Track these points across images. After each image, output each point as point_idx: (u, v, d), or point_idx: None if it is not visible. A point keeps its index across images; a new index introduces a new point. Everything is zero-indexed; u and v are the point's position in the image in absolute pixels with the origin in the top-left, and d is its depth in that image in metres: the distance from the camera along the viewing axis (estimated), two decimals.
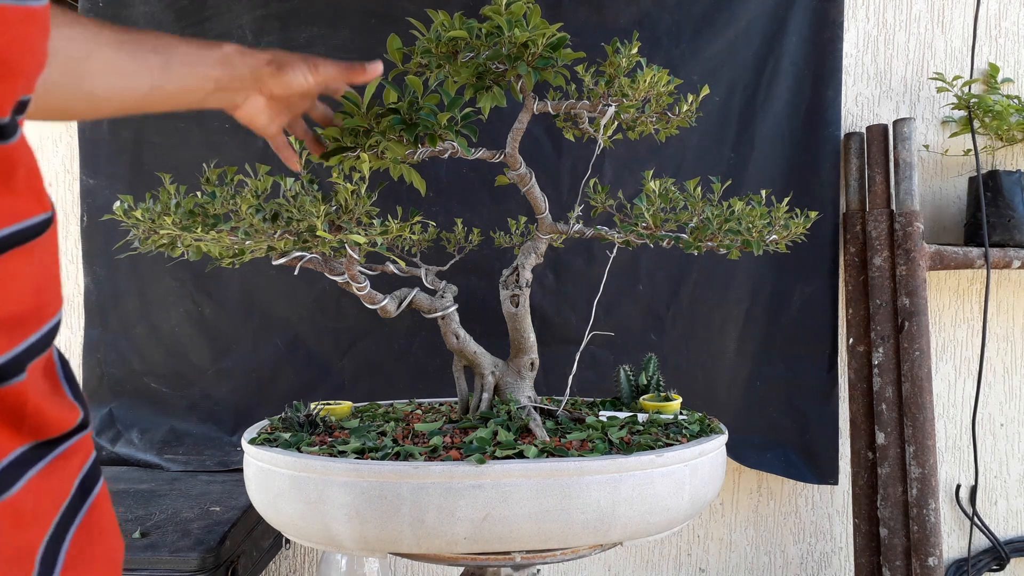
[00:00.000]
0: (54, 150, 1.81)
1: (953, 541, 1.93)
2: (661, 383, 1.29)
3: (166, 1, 1.71)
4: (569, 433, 1.03)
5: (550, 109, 1.07)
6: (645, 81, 1.03)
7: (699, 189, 1.08)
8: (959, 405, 1.94)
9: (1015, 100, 1.77)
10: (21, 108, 0.37)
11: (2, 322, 0.36)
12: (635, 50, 1.04)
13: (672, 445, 0.98)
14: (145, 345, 1.75)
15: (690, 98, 1.13)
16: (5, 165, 0.35)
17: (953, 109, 1.87)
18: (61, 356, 0.46)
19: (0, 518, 0.36)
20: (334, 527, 0.88)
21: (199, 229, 0.86)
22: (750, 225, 1.03)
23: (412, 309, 1.12)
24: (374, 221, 0.88)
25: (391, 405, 1.34)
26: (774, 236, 1.07)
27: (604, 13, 1.74)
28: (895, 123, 1.75)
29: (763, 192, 1.11)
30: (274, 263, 0.97)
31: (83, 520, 0.43)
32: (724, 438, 1.08)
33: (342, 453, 0.93)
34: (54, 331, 0.41)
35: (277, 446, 0.98)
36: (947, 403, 1.93)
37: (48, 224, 0.39)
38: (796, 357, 1.81)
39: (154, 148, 1.73)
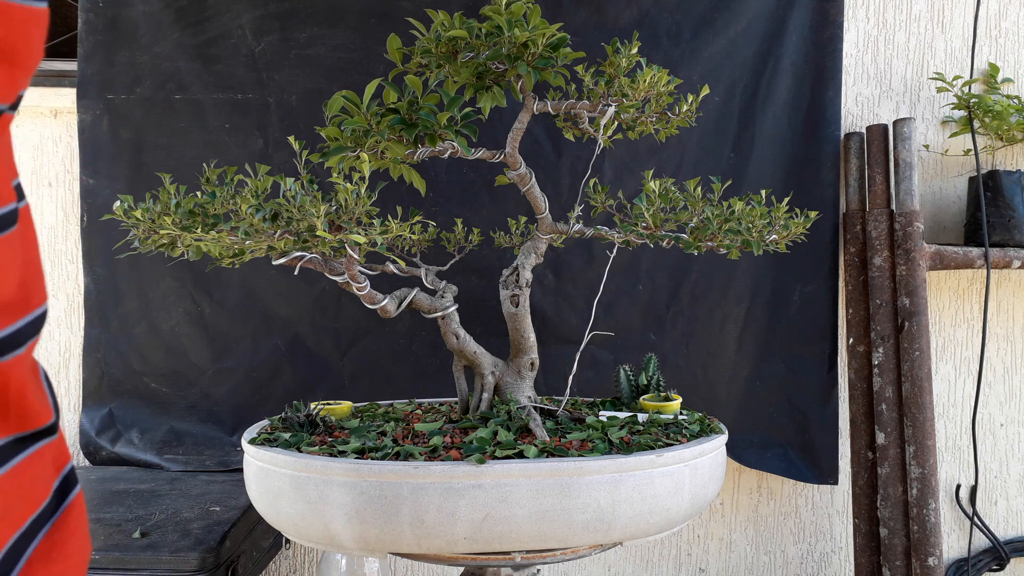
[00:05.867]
0: (54, 150, 1.81)
1: (953, 541, 1.93)
2: (661, 383, 1.29)
3: (166, 1, 1.71)
4: (569, 433, 1.03)
5: (550, 109, 1.07)
6: (645, 81, 1.03)
7: (699, 189, 1.08)
8: (959, 405, 1.94)
9: (1015, 100, 1.77)
10: (16, 103, 0.38)
11: None
12: (635, 50, 1.04)
13: (672, 445, 0.98)
14: (145, 345, 1.75)
15: (690, 98, 1.13)
16: None
17: (953, 109, 1.87)
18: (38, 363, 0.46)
19: None
20: (334, 527, 0.88)
21: (199, 229, 0.86)
22: (750, 225, 1.03)
23: (412, 309, 1.12)
24: (374, 221, 0.88)
25: (391, 405, 1.34)
26: (774, 236, 1.07)
27: (604, 13, 1.74)
28: (895, 123, 1.75)
29: (763, 192, 1.11)
30: (274, 263, 0.96)
31: (57, 520, 0.44)
32: (724, 438, 1.08)
33: (342, 453, 0.93)
34: (40, 320, 0.41)
35: (277, 446, 0.98)
36: (947, 403, 1.93)
37: (14, 216, 0.39)
38: (796, 357, 1.81)
39: (154, 148, 1.73)
